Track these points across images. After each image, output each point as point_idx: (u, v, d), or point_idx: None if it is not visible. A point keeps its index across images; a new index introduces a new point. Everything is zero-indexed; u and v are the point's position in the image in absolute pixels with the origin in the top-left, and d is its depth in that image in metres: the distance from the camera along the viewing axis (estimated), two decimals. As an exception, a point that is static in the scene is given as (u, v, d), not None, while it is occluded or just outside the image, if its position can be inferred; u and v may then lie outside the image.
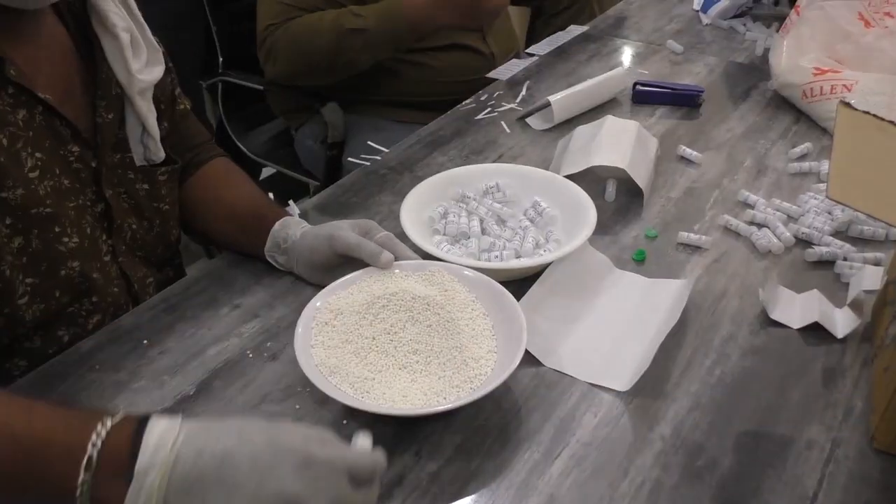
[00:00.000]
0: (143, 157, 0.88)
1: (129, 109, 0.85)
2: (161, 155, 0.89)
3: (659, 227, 0.98)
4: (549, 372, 0.77)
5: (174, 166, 0.92)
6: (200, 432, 0.50)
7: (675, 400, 0.74)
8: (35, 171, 0.76)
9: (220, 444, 0.50)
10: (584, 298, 0.86)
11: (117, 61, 0.82)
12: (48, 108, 0.77)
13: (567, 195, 0.94)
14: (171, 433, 0.50)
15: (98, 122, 0.83)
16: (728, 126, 1.23)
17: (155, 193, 0.90)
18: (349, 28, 1.39)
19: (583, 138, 1.11)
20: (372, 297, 0.77)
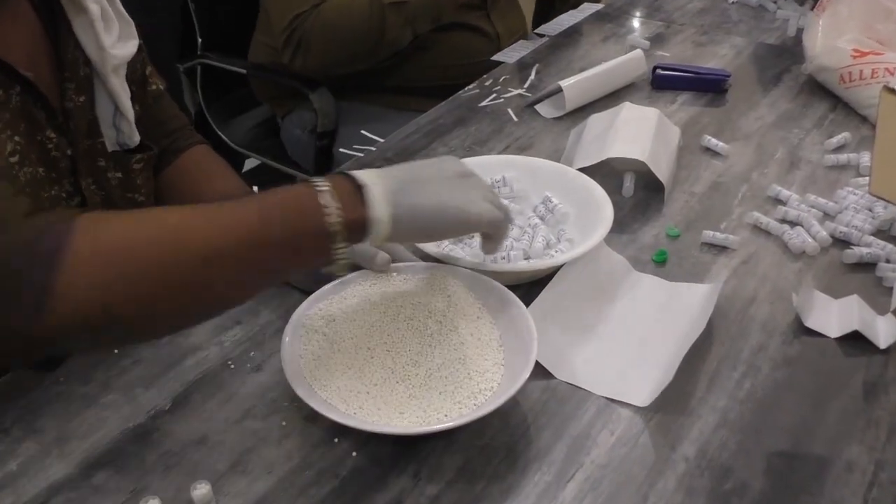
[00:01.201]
0: (116, 142, 0.88)
1: (100, 90, 0.84)
2: (136, 138, 0.89)
3: (681, 226, 0.98)
4: (562, 385, 0.76)
5: (150, 153, 0.91)
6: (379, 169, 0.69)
7: (700, 417, 0.73)
8: (14, 157, 0.75)
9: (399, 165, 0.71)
10: (599, 304, 0.85)
11: (87, 37, 0.81)
12: (26, 88, 0.77)
13: (580, 190, 0.94)
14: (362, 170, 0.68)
15: (68, 107, 0.82)
16: (757, 114, 1.23)
17: (129, 183, 0.90)
18: (389, 1, 1.39)
19: (598, 128, 1.10)
20: (367, 304, 0.76)
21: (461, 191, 0.71)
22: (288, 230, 0.64)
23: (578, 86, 1.22)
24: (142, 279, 0.60)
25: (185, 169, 0.97)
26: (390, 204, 0.66)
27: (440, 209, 0.69)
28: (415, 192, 0.68)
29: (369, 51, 1.47)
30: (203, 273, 0.61)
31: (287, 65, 1.51)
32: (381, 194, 0.66)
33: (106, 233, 0.61)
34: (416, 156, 1.13)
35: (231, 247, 0.62)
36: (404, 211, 0.67)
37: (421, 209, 0.68)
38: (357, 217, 0.65)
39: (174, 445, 0.70)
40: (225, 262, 0.62)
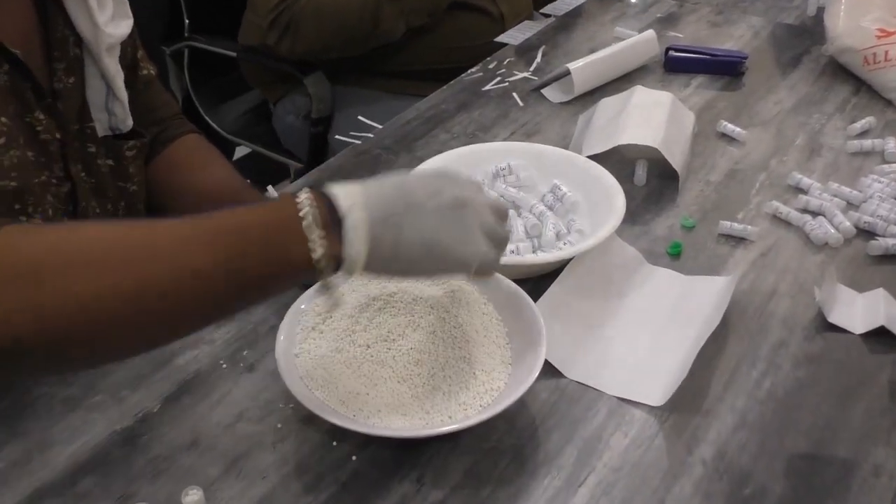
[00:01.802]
0: (108, 126, 0.87)
1: (91, 71, 0.84)
2: (129, 122, 0.88)
3: (697, 216, 0.98)
4: (572, 385, 0.76)
5: (143, 140, 0.91)
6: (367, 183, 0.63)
7: (718, 417, 0.73)
8: (0, 138, 0.75)
9: (390, 181, 0.63)
10: (611, 299, 0.85)
11: (80, 14, 0.81)
12: (15, 67, 0.76)
13: (590, 179, 0.94)
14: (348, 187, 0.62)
15: (58, 88, 0.81)
16: (776, 98, 1.22)
17: (121, 171, 0.89)
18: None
19: (608, 113, 1.10)
20: (366, 298, 0.76)
21: (455, 226, 0.64)
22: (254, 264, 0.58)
23: (587, 68, 1.22)
24: (55, 312, 0.54)
25: (176, 159, 0.96)
26: (369, 239, 0.60)
27: (427, 248, 0.62)
28: (401, 223, 0.61)
29: (361, 40, 1.46)
30: (132, 309, 0.55)
31: (272, 47, 1.50)
32: (362, 226, 0.60)
33: (16, 253, 0.55)
34: (416, 144, 1.13)
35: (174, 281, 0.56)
36: (385, 248, 0.61)
37: (406, 246, 0.61)
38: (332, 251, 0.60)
39: (164, 450, 0.70)
40: (164, 298, 0.56)
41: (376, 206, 0.61)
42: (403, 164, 1.07)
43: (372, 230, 0.60)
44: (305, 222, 0.58)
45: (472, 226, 0.64)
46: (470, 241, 0.64)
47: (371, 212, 0.60)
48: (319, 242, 0.58)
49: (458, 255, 0.63)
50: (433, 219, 0.63)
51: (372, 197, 0.61)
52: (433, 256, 0.63)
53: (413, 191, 0.63)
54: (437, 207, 0.63)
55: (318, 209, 0.59)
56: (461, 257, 0.63)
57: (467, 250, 0.64)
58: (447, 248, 0.63)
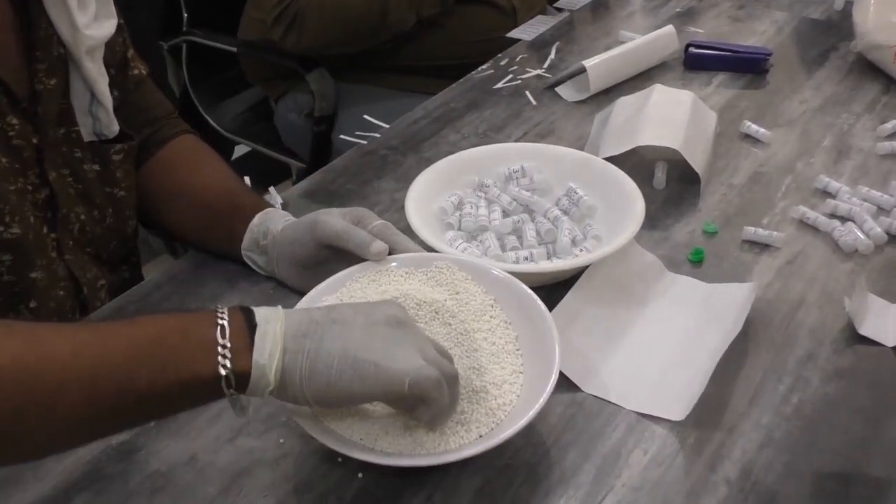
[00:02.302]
0: (93, 131, 0.87)
1: (75, 73, 0.84)
2: (114, 128, 0.88)
3: (720, 221, 0.97)
4: (589, 399, 0.76)
5: (130, 143, 0.91)
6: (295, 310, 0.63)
7: (743, 434, 0.72)
8: None
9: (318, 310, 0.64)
10: (629, 308, 0.84)
11: (59, 13, 0.81)
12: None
13: (608, 181, 0.93)
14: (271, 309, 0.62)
15: (38, 90, 0.81)
16: (802, 97, 1.22)
17: (108, 176, 0.89)
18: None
19: (625, 112, 1.10)
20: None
21: (385, 342, 0.61)
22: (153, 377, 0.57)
23: (603, 65, 1.21)
24: None
25: (170, 161, 0.96)
26: (282, 350, 0.59)
27: (350, 361, 0.59)
28: (322, 335, 0.60)
29: (369, 33, 1.46)
30: None
31: (277, 43, 1.50)
32: (274, 336, 0.59)
33: None
34: (424, 144, 1.13)
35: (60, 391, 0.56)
36: (301, 363, 0.59)
37: (325, 359, 0.59)
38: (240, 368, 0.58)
39: (161, 466, 0.70)
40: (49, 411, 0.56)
41: (296, 321, 0.61)
42: (411, 166, 1.06)
43: (286, 343, 0.59)
44: (214, 332, 0.58)
45: (407, 344, 0.61)
46: (402, 359, 0.60)
47: (289, 328, 0.60)
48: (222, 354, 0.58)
49: (388, 373, 0.60)
50: (360, 332, 0.61)
51: (294, 313, 0.62)
52: (358, 373, 0.60)
53: (344, 311, 0.63)
54: (367, 323, 0.62)
55: (231, 321, 0.59)
56: (392, 374, 0.60)
57: (399, 366, 0.60)
58: (374, 363, 0.60)
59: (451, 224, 0.91)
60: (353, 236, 0.78)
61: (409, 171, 1.05)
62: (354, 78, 1.58)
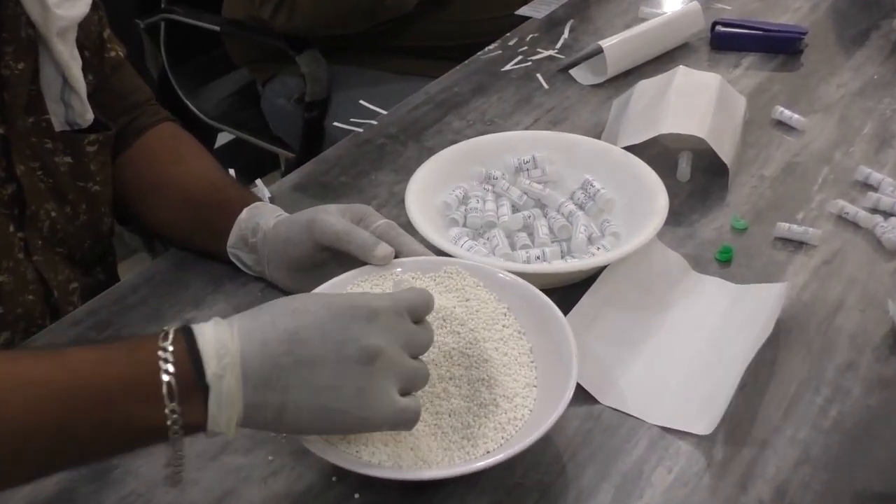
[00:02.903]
0: (65, 120, 0.87)
1: (45, 57, 0.84)
2: (88, 117, 0.88)
3: (750, 217, 0.97)
4: (607, 412, 0.75)
5: (106, 133, 0.91)
6: (253, 324, 0.60)
7: (777, 450, 0.72)
8: None
9: (281, 327, 0.60)
10: (651, 312, 0.84)
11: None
12: None
13: (627, 173, 0.93)
14: (224, 335, 0.59)
15: (4, 75, 0.81)
16: (839, 80, 1.21)
17: (81, 169, 0.89)
18: None
19: (647, 97, 1.09)
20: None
21: (357, 383, 0.60)
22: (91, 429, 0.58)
23: (622, 46, 1.21)
24: None
25: (149, 151, 0.96)
26: (244, 407, 0.58)
27: (323, 413, 0.60)
28: (288, 384, 0.59)
29: (366, 12, 1.46)
30: None
31: (266, 21, 1.50)
32: (232, 397, 0.58)
33: None
34: (426, 132, 1.12)
35: None
36: (267, 415, 0.59)
37: (293, 412, 0.59)
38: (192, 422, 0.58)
39: (138, 486, 0.69)
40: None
41: (256, 367, 0.58)
42: (411, 156, 1.06)
43: (247, 397, 0.58)
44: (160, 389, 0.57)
45: (381, 383, 0.61)
46: (378, 404, 0.61)
47: (248, 377, 0.58)
48: (172, 418, 0.57)
49: (364, 420, 0.61)
50: (329, 375, 0.60)
51: (251, 356, 0.58)
52: (331, 422, 0.61)
53: (307, 341, 0.60)
54: (337, 360, 0.60)
55: (178, 372, 0.57)
56: (368, 422, 0.61)
57: (376, 414, 0.61)
58: (348, 412, 0.60)
59: (456, 220, 0.91)
60: (356, 238, 0.78)
61: (409, 161, 1.04)
62: (349, 60, 1.58)
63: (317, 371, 0.59)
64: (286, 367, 0.59)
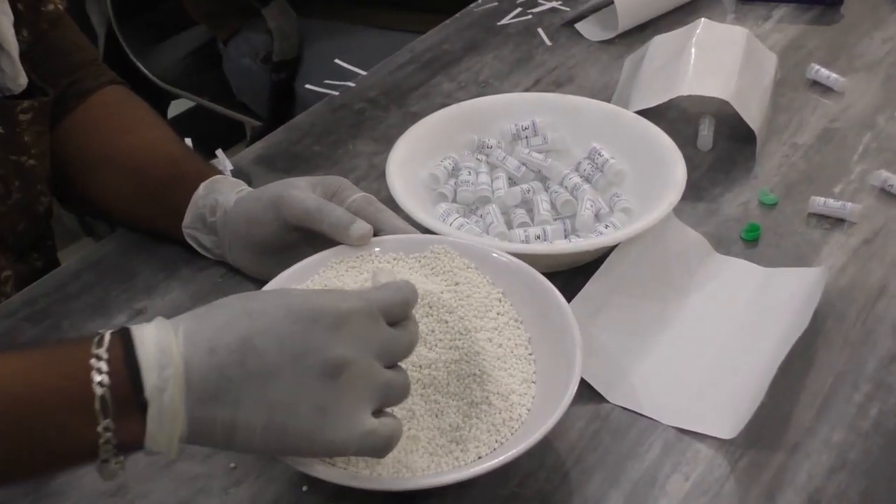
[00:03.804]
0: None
1: None
2: (21, 81, 0.88)
3: (780, 190, 0.97)
4: (616, 411, 0.76)
5: (43, 98, 0.91)
6: (201, 327, 0.59)
7: (809, 455, 0.73)
8: None
9: (233, 333, 0.58)
10: (667, 299, 0.85)
11: None
12: None
13: (640, 141, 0.93)
14: (167, 340, 0.58)
15: None
16: (884, 34, 1.22)
17: (14, 141, 0.89)
18: None
19: (663, 55, 1.10)
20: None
21: (318, 402, 0.59)
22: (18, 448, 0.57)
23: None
24: None
25: (93, 118, 0.96)
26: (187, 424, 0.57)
27: (278, 434, 0.59)
28: (239, 399, 0.58)
29: None
30: None
31: None
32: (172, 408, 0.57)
33: None
34: (411, 96, 1.12)
35: None
36: (215, 435, 0.58)
37: (245, 431, 0.58)
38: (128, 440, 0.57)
39: (80, 499, 0.70)
40: None
41: (201, 378, 0.57)
42: (394, 123, 1.06)
43: (191, 412, 0.57)
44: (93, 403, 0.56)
45: (348, 401, 0.60)
46: (345, 423, 0.59)
47: (192, 389, 0.57)
48: (105, 437, 0.56)
49: (326, 443, 0.60)
50: (286, 390, 0.58)
51: (197, 366, 0.57)
52: (288, 445, 0.60)
53: (262, 350, 0.58)
54: (296, 373, 0.58)
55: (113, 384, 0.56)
56: (331, 445, 0.60)
57: (340, 437, 0.60)
58: (308, 434, 0.59)
59: (445, 195, 0.91)
60: (328, 215, 0.78)
61: (391, 129, 1.04)
62: (322, 12, 1.58)
63: (272, 385, 0.58)
64: (237, 379, 0.57)
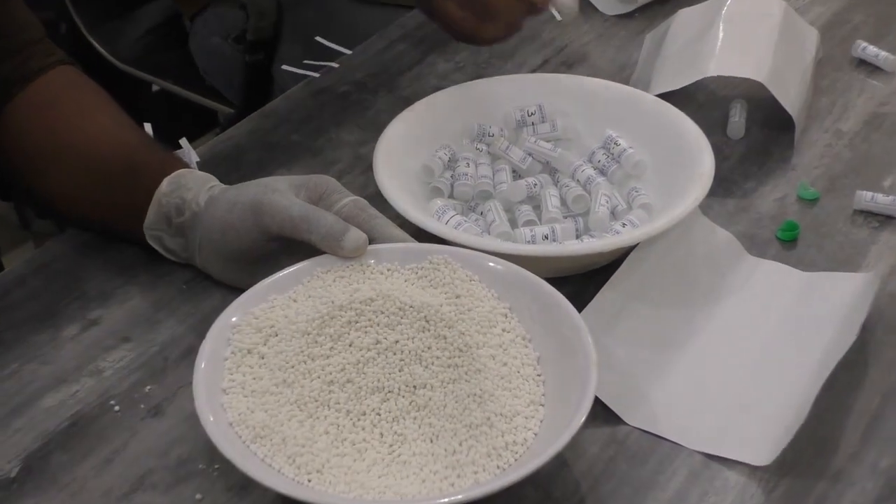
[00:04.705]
0: None
1: None
2: None
3: (822, 184, 0.98)
4: (635, 434, 0.76)
5: None
6: None
7: (854, 483, 0.73)
8: None
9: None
10: (692, 307, 0.85)
11: None
12: None
13: (663, 128, 0.94)
14: None
15: None
16: (940, 7, 1.22)
17: None
18: None
19: (689, 31, 1.10)
20: (330, 308, 0.76)
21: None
22: None
23: (657, -36, 1.22)
24: None
25: (40, 103, 0.96)
26: None
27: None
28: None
29: None
30: None
31: None
32: None
33: None
34: (402, 78, 1.12)
35: None
36: None
37: None
38: None
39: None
40: None
41: None
42: (383, 108, 1.06)
43: None
44: None
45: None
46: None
47: None
48: None
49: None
50: None
51: None
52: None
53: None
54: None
55: None
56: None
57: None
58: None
59: (440, 189, 0.92)
60: (317, 225, 0.78)
61: (379, 115, 1.04)
62: (303, -16, 1.58)
63: None
64: None
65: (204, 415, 0.69)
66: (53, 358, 0.82)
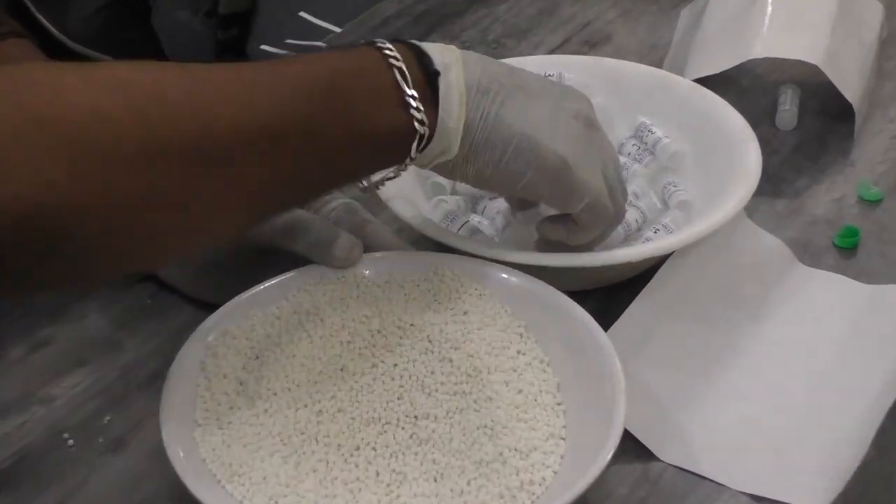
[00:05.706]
0: None
1: None
2: None
3: (886, 183, 0.98)
4: (670, 473, 0.76)
5: None
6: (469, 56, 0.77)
7: (922, 528, 0.73)
8: None
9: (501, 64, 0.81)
10: (736, 324, 0.85)
11: None
12: None
13: (701, 117, 0.94)
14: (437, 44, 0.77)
15: None
16: None
17: None
18: None
19: (731, 5, 1.10)
20: (317, 327, 0.76)
21: (572, 140, 0.78)
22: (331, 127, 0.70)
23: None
24: None
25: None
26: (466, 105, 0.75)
27: (530, 145, 0.76)
28: (504, 101, 0.76)
29: None
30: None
31: None
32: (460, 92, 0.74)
33: None
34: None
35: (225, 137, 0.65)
36: (479, 124, 0.75)
37: (503, 132, 0.76)
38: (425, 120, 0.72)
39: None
40: None
41: (476, 73, 0.76)
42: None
43: (469, 95, 0.75)
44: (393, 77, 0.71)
45: (592, 152, 0.79)
46: (587, 168, 0.78)
47: (469, 74, 0.75)
48: (414, 107, 0.72)
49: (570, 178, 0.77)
50: (546, 115, 0.77)
51: (472, 61, 0.76)
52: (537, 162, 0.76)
53: (527, 81, 0.79)
54: (554, 108, 0.78)
55: (406, 62, 0.72)
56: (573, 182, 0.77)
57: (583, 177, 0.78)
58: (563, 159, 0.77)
59: (442, 186, 0.92)
60: (306, 232, 0.79)
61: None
62: (284, -50, 1.59)
63: (534, 104, 0.77)
64: (505, 84, 0.77)
65: (172, 449, 0.70)
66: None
